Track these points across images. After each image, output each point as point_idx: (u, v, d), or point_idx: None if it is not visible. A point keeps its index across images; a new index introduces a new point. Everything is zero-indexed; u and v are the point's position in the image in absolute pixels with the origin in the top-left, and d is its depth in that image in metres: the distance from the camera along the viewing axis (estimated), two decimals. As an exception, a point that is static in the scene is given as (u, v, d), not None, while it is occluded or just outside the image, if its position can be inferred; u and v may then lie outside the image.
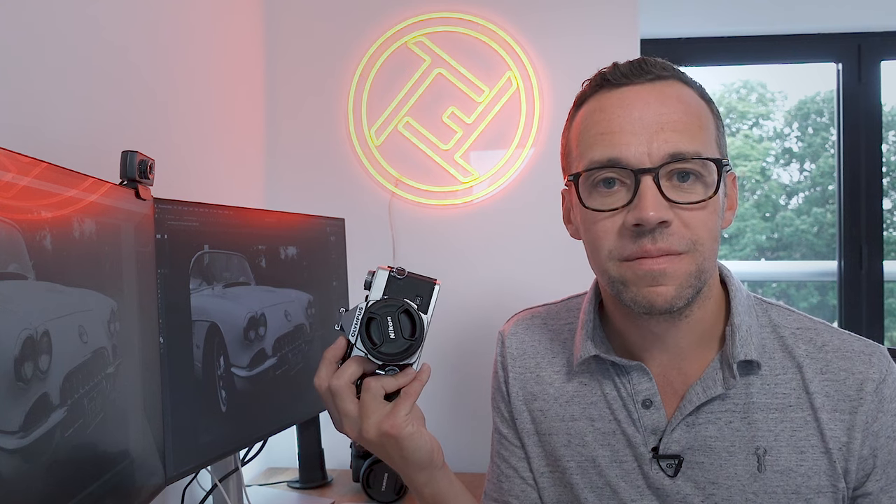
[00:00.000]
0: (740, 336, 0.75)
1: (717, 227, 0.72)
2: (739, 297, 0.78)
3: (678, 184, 0.70)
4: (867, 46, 2.05)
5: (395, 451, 0.71)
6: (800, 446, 0.75)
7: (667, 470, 0.77)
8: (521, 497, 0.88)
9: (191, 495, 1.21)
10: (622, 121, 0.71)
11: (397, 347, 0.68)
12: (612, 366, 0.81)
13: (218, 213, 1.09)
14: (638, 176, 0.69)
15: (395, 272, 0.72)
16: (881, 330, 2.05)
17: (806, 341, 0.78)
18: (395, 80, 1.69)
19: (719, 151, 0.74)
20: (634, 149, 0.70)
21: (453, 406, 1.64)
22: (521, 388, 0.88)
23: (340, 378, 0.70)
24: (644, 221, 0.68)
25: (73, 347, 0.69)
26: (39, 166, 0.65)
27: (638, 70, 0.73)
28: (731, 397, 0.76)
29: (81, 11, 1.03)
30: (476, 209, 1.69)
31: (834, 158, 2.17)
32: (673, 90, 0.73)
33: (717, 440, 0.76)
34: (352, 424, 0.71)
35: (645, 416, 0.79)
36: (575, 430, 0.83)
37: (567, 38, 1.65)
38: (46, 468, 0.63)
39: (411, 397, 0.70)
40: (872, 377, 0.75)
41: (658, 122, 0.70)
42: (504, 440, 0.90)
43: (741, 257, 2.72)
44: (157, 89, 1.25)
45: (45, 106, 0.95)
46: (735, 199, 0.79)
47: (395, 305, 0.69)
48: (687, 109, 0.72)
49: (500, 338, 0.93)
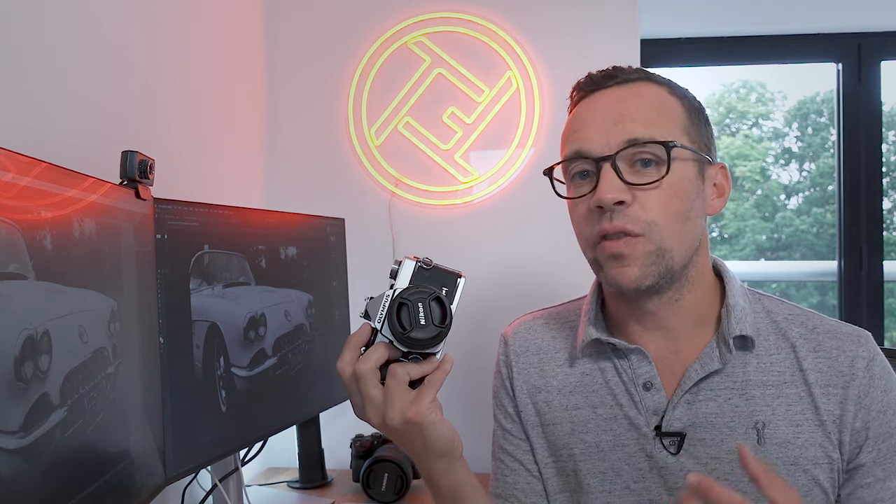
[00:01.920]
0: (735, 314, 0.80)
1: (680, 208, 0.77)
2: (734, 284, 0.84)
3: (640, 169, 0.77)
4: (867, 46, 2.05)
5: (417, 438, 0.71)
6: (796, 420, 0.78)
7: (669, 447, 0.80)
8: (526, 490, 0.90)
9: (191, 495, 1.21)
10: (587, 120, 0.80)
11: (428, 333, 0.68)
12: (613, 350, 0.85)
13: (218, 213, 1.09)
14: (599, 163, 0.77)
15: (422, 262, 0.72)
16: (881, 330, 2.05)
17: (798, 325, 0.83)
18: (395, 80, 1.69)
19: (689, 139, 0.79)
20: (595, 141, 0.78)
21: (453, 405, 1.64)
22: (526, 381, 0.91)
23: (366, 362, 0.70)
24: (601, 202, 0.75)
25: (73, 347, 0.69)
26: (39, 166, 0.65)
27: (606, 77, 0.81)
28: (728, 374, 0.80)
29: (82, 11, 1.03)
30: (476, 209, 1.69)
31: (834, 158, 2.17)
32: (637, 89, 0.80)
33: (718, 416, 0.80)
34: (375, 410, 0.70)
35: (646, 398, 0.82)
36: (578, 418, 0.86)
37: (567, 38, 1.65)
38: (46, 468, 0.63)
39: (435, 385, 0.71)
40: (862, 355, 0.80)
41: (617, 116, 0.78)
42: (508, 435, 0.92)
43: (741, 257, 2.71)
44: (157, 89, 1.25)
45: (45, 106, 0.95)
46: (725, 188, 0.83)
47: (426, 292, 0.69)
48: (648, 102, 0.78)
49: (503, 339, 0.96)
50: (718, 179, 0.83)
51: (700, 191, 0.80)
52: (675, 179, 0.77)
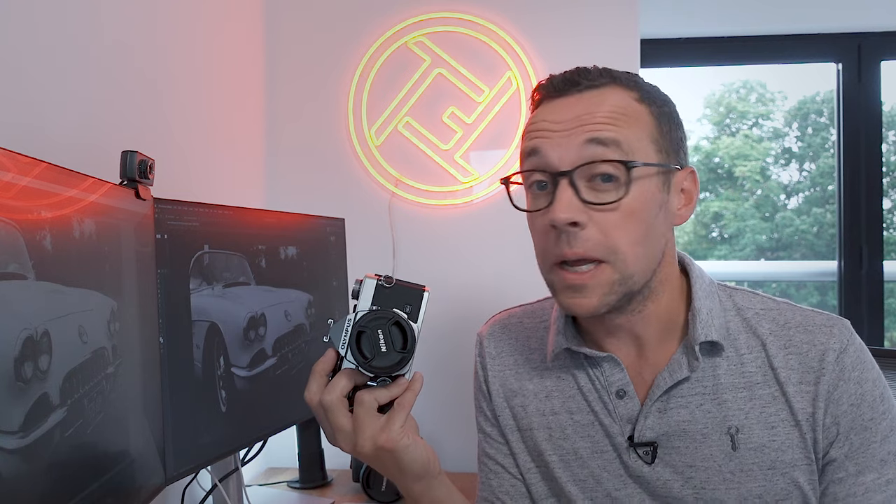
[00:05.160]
0: (700, 319, 0.77)
1: (639, 228, 0.73)
2: (700, 284, 0.81)
3: (599, 184, 0.72)
4: (867, 46, 2.05)
5: (391, 463, 0.71)
6: (770, 422, 0.76)
7: (644, 457, 0.79)
8: (511, 493, 0.89)
9: (191, 495, 1.21)
10: (546, 126, 0.75)
11: (389, 360, 0.67)
12: (586, 358, 0.83)
13: (218, 213, 1.09)
14: (556, 178, 0.73)
15: (382, 280, 0.70)
16: (881, 330, 2.05)
17: (769, 320, 0.80)
18: (395, 81, 1.69)
19: (656, 151, 0.75)
20: (554, 152, 0.73)
21: (451, 406, 1.64)
22: (502, 385, 0.90)
23: (332, 393, 0.69)
24: (555, 222, 0.72)
25: (73, 347, 0.69)
26: (39, 166, 0.65)
27: (569, 82, 0.76)
28: (699, 380, 0.78)
29: (82, 10, 1.03)
30: (476, 209, 1.69)
31: (834, 158, 2.17)
32: (601, 97, 0.74)
33: (690, 423, 0.78)
34: (346, 439, 0.70)
35: (620, 406, 0.80)
36: (555, 423, 0.85)
37: (567, 38, 1.65)
38: (46, 468, 0.63)
39: (405, 408, 0.70)
40: (833, 347, 0.76)
41: (577, 128, 0.72)
42: (489, 438, 0.91)
43: (741, 257, 2.71)
44: (157, 89, 1.25)
45: (45, 105, 0.95)
46: (693, 194, 0.79)
47: (384, 318, 0.67)
48: (611, 113, 0.73)
49: (479, 339, 0.95)
50: (686, 185, 0.79)
51: (664, 203, 0.76)
52: (634, 199, 0.72)
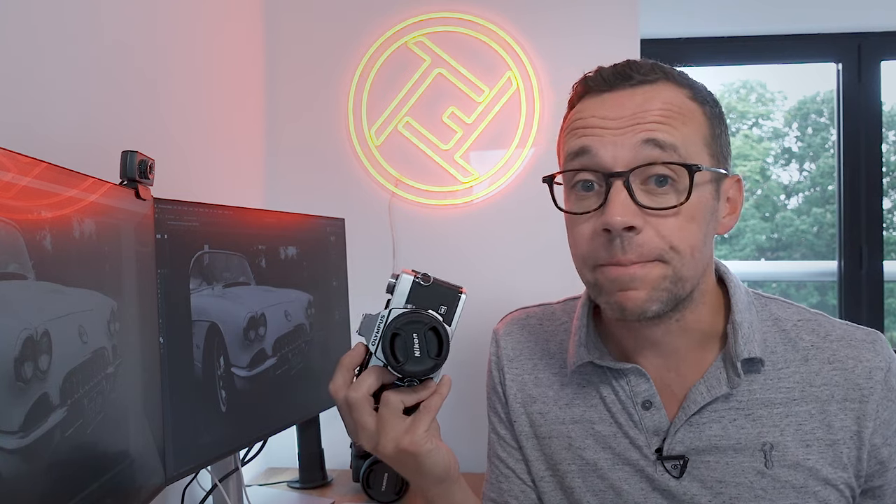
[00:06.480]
0: (742, 334, 0.74)
1: (698, 234, 0.70)
2: (739, 295, 0.77)
3: (653, 188, 0.69)
4: (867, 46, 2.05)
5: (412, 465, 0.69)
6: (806, 440, 0.74)
7: (672, 471, 0.76)
8: (520, 497, 0.87)
9: (191, 495, 1.21)
10: (596, 123, 0.70)
11: (423, 366, 0.64)
12: (609, 370, 0.80)
13: (218, 213, 1.09)
14: (609, 179, 0.68)
15: (419, 279, 0.67)
16: (881, 330, 2.05)
17: (809, 332, 0.77)
18: (395, 80, 1.69)
19: (709, 155, 0.71)
20: (605, 152, 0.69)
21: (454, 406, 1.64)
22: (520, 390, 0.87)
23: (358, 390, 0.67)
24: (610, 226, 0.67)
25: (73, 347, 0.69)
26: (39, 166, 0.65)
27: (620, 76, 0.72)
28: (734, 395, 0.75)
29: (82, 11, 1.03)
30: (476, 209, 1.69)
31: (834, 158, 2.17)
32: (655, 92, 0.70)
33: (723, 439, 0.75)
34: (368, 437, 0.68)
35: (646, 418, 0.78)
36: (575, 433, 0.82)
37: (567, 38, 1.65)
38: (46, 468, 0.63)
39: (431, 412, 0.68)
40: (880, 366, 0.74)
41: (632, 125, 0.69)
42: (502, 441, 0.89)
43: (741, 257, 2.72)
44: (157, 89, 1.25)
45: (45, 105, 0.95)
46: (738, 203, 0.76)
47: (421, 322, 0.64)
48: (667, 110, 0.69)
49: (495, 337, 0.91)
50: (732, 193, 0.75)
51: (715, 210, 0.72)
52: (693, 205, 0.69)
